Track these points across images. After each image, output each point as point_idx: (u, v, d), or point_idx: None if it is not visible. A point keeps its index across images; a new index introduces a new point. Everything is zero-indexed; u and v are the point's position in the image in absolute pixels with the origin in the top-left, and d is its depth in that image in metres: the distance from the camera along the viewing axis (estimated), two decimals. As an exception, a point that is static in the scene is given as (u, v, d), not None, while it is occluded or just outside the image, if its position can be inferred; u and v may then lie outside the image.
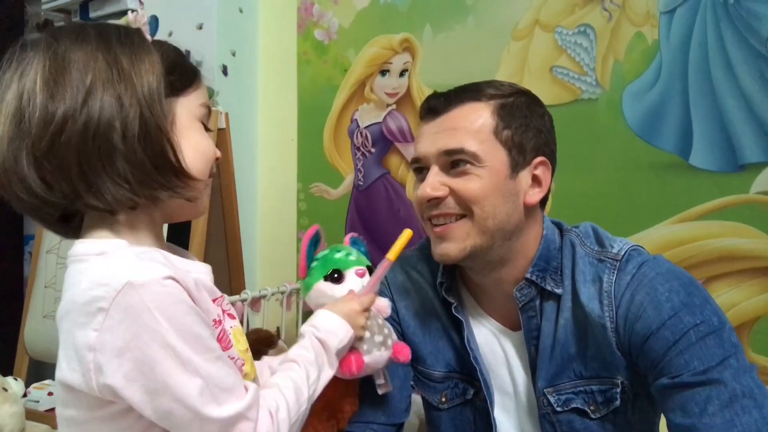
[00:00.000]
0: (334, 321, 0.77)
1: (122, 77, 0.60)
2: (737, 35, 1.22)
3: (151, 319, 0.56)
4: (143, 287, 0.56)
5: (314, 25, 1.81)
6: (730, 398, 0.71)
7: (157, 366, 0.56)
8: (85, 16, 2.08)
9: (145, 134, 0.60)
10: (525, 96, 0.86)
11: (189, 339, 0.58)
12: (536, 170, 0.84)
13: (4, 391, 1.40)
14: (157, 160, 0.61)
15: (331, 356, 0.75)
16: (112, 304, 0.55)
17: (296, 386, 0.69)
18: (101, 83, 0.59)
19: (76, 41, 0.61)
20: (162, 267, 0.59)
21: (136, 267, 0.58)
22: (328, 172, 1.79)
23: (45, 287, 1.85)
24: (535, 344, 0.85)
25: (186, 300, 0.59)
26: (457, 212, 0.82)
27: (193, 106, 0.67)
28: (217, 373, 0.59)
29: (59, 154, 0.58)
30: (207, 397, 0.58)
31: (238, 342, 0.68)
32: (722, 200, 1.24)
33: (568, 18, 1.41)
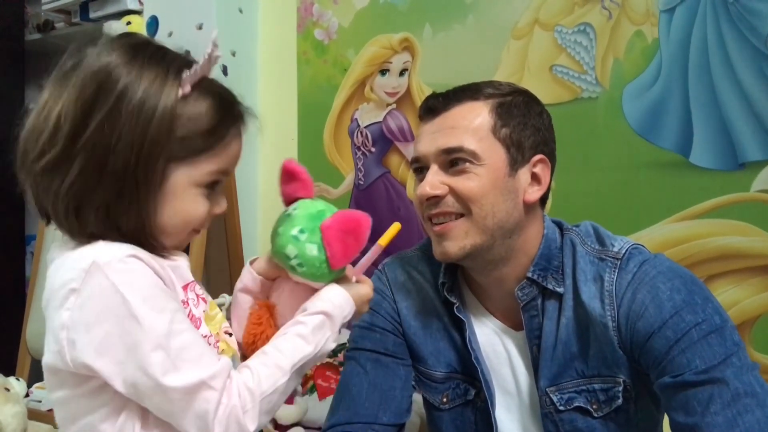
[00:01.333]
0: (344, 298, 0.71)
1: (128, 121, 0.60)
2: (737, 33, 1.22)
3: (116, 294, 0.58)
4: (107, 265, 0.58)
5: (314, 25, 1.81)
6: (733, 397, 0.71)
7: (123, 337, 0.58)
8: (85, 16, 2.08)
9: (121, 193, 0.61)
10: (523, 95, 0.86)
11: (153, 310, 0.59)
12: (535, 168, 0.84)
13: (7, 391, 1.41)
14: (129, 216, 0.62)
15: (336, 328, 0.70)
16: (82, 284, 0.58)
17: (275, 360, 0.65)
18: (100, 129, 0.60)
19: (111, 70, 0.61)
20: (126, 247, 0.61)
21: (102, 249, 0.60)
22: (328, 172, 1.79)
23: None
24: (537, 343, 0.85)
25: (149, 275, 0.61)
26: (457, 211, 0.82)
27: (197, 174, 0.64)
28: (181, 343, 0.60)
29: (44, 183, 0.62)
30: (168, 366, 0.58)
31: (210, 325, 0.68)
32: (723, 198, 1.24)
33: (567, 17, 1.41)
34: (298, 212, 0.72)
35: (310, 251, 0.69)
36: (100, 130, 0.60)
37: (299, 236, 0.70)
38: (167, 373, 0.58)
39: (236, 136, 0.67)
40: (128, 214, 0.62)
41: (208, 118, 0.64)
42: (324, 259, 0.69)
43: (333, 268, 0.70)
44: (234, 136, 0.67)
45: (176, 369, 0.58)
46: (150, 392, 0.59)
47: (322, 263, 0.69)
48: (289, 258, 0.70)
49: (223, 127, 0.65)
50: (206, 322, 0.67)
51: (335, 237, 0.69)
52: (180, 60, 0.64)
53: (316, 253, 0.69)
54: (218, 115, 0.64)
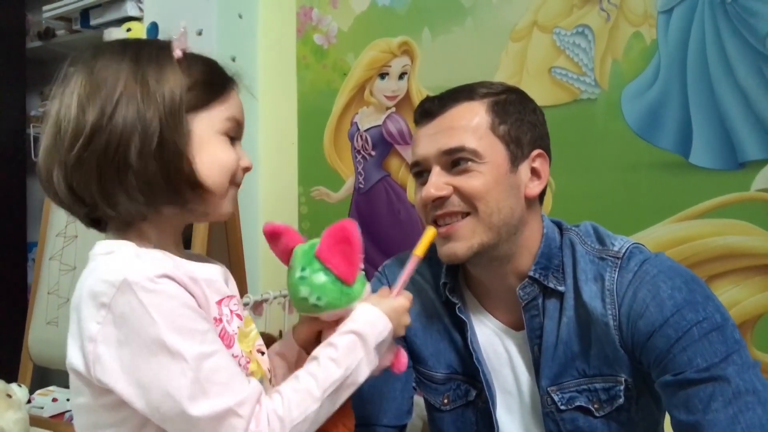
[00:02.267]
0: (375, 314, 0.70)
1: (145, 94, 0.64)
2: (735, 33, 1.22)
3: (145, 315, 0.58)
4: (137, 284, 0.59)
5: (313, 30, 1.82)
6: (734, 395, 0.71)
7: (149, 360, 0.58)
8: (85, 23, 2.09)
9: (160, 150, 0.63)
10: (515, 93, 0.88)
11: (182, 334, 0.59)
12: (534, 163, 0.85)
13: (9, 397, 1.41)
14: (170, 175, 0.64)
15: (369, 350, 0.68)
16: (112, 300, 0.59)
17: (305, 386, 0.64)
18: (126, 100, 0.63)
19: (112, 59, 0.65)
20: (158, 264, 0.62)
21: (133, 265, 0.61)
22: (328, 176, 1.79)
23: (48, 294, 1.85)
24: (538, 343, 0.85)
25: (181, 296, 0.61)
26: (462, 210, 0.82)
27: (215, 121, 0.68)
28: (211, 366, 0.60)
29: (84, 167, 0.63)
30: (195, 391, 0.58)
31: (243, 343, 0.68)
32: (723, 198, 1.24)
33: (566, 19, 1.41)
34: (295, 258, 0.72)
35: (318, 280, 0.69)
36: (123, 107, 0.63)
37: (304, 274, 0.70)
38: (195, 398, 0.58)
39: (234, 89, 0.72)
40: (168, 171, 0.64)
41: (205, 72, 0.69)
42: (334, 278, 0.69)
43: (348, 282, 0.69)
44: (231, 89, 0.72)
45: (204, 394, 0.59)
46: (174, 417, 0.59)
47: (336, 284, 0.69)
48: (308, 299, 0.70)
49: (220, 79, 0.70)
50: (240, 340, 0.68)
51: (330, 253, 0.69)
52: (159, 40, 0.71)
53: (324, 279, 0.69)
54: (212, 70, 0.70)
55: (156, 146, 0.63)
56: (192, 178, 0.65)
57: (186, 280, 0.62)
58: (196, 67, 0.68)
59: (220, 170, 0.68)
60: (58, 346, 2.12)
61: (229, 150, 0.69)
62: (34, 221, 2.24)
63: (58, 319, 1.80)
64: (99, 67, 0.65)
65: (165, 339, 0.58)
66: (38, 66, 2.38)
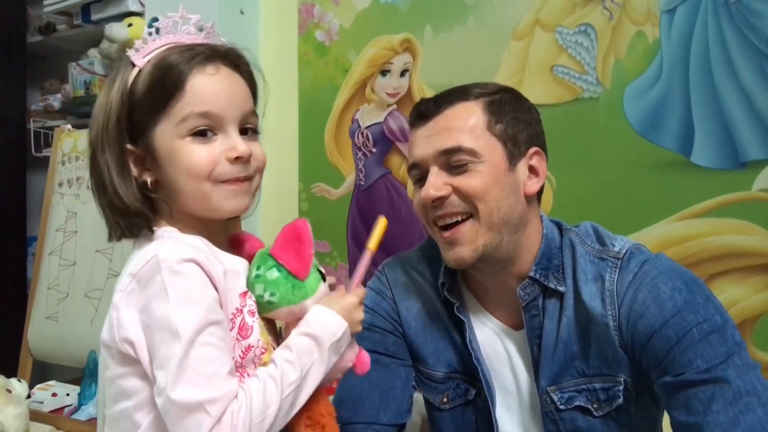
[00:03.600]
0: (327, 315, 0.70)
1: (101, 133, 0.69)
2: (738, 33, 1.22)
3: (162, 292, 0.62)
4: (165, 262, 0.63)
5: (315, 26, 1.81)
6: (734, 396, 0.71)
7: (156, 332, 0.62)
8: (86, 18, 2.08)
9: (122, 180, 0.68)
10: (509, 92, 0.88)
11: (188, 317, 0.62)
12: (532, 160, 0.85)
13: (8, 392, 1.41)
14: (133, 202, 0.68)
15: (323, 352, 0.68)
16: (139, 271, 0.64)
17: (265, 387, 0.64)
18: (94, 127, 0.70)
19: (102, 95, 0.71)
20: (192, 250, 0.64)
21: (169, 247, 0.65)
22: (329, 173, 1.79)
23: (48, 289, 1.85)
24: (537, 343, 0.85)
25: (202, 282, 0.64)
26: (462, 210, 0.82)
27: (169, 128, 0.67)
28: (200, 355, 0.61)
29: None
30: (179, 375, 0.60)
31: (264, 334, 0.70)
32: (724, 198, 1.24)
33: (568, 17, 1.41)
34: (254, 259, 0.74)
35: (271, 276, 0.70)
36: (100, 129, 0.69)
37: (258, 272, 0.71)
38: (177, 380, 0.60)
39: (195, 74, 0.67)
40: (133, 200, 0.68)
41: (159, 71, 0.67)
42: (287, 274, 0.70)
43: (300, 277, 0.70)
44: (191, 75, 0.67)
45: (185, 379, 0.60)
46: (160, 392, 0.61)
47: (288, 279, 0.70)
48: (263, 297, 0.71)
49: (175, 72, 0.67)
50: (262, 331, 0.70)
51: (282, 250, 0.71)
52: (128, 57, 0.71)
53: (277, 275, 0.70)
54: (167, 65, 0.67)
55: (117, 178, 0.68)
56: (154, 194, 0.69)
57: (213, 270, 0.65)
58: (147, 75, 0.67)
59: (188, 175, 0.67)
60: (58, 340, 2.13)
61: (194, 151, 0.67)
62: (33, 216, 2.24)
63: (57, 314, 1.80)
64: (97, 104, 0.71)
65: (171, 318, 0.61)
66: (39, 61, 2.38)
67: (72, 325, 1.75)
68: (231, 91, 0.69)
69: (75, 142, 1.93)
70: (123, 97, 0.67)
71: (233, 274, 0.68)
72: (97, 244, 1.75)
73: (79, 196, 1.82)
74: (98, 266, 1.75)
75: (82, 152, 1.89)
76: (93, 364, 1.55)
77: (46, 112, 2.30)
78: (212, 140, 0.67)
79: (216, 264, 0.66)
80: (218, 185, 0.68)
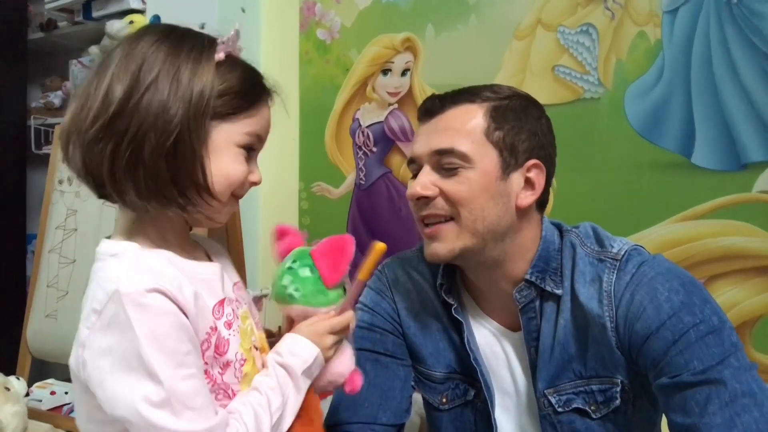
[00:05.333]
0: (298, 342, 0.72)
1: (174, 90, 0.64)
2: (740, 34, 1.22)
3: (129, 329, 0.59)
4: (127, 297, 0.59)
5: (316, 25, 1.81)
6: (731, 397, 0.70)
7: (125, 374, 0.59)
8: (88, 15, 2.08)
9: (174, 150, 0.63)
10: (522, 99, 0.85)
11: (162, 353, 0.60)
12: (529, 173, 0.83)
13: (7, 390, 1.41)
14: (179, 177, 0.64)
15: (297, 380, 0.71)
16: (103, 308, 0.60)
17: (256, 413, 0.66)
18: (154, 90, 0.63)
19: (152, 44, 0.66)
20: (153, 276, 0.62)
21: (129, 276, 0.62)
22: (329, 172, 1.79)
23: (47, 287, 1.85)
24: (535, 345, 0.85)
25: (169, 312, 0.61)
26: (446, 213, 0.82)
27: (236, 133, 0.68)
28: (184, 390, 0.60)
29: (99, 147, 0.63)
30: (166, 411, 0.59)
31: (244, 341, 0.70)
32: (724, 199, 1.24)
33: (570, 17, 1.41)
34: (291, 254, 0.76)
35: (303, 273, 0.73)
36: (150, 95, 0.63)
37: (292, 266, 0.73)
38: (165, 417, 0.59)
39: (266, 104, 0.72)
40: (178, 171, 0.64)
41: (242, 81, 0.69)
42: (317, 277, 0.72)
43: (328, 285, 0.72)
44: (264, 103, 0.71)
45: (175, 414, 0.59)
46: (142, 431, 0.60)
47: (316, 282, 0.72)
48: (286, 288, 0.73)
49: (255, 92, 0.70)
50: (242, 337, 0.70)
51: (322, 254, 0.73)
52: (207, 36, 0.70)
53: (308, 274, 0.72)
54: (249, 80, 0.70)
55: (171, 145, 0.63)
56: (200, 182, 0.66)
57: (179, 295, 0.62)
58: (234, 74, 0.68)
59: (225, 181, 0.68)
60: (57, 339, 2.13)
61: (240, 163, 0.69)
62: (33, 213, 2.24)
63: (57, 312, 1.80)
64: (138, 50, 0.65)
65: (144, 356, 0.59)
66: (40, 57, 2.38)
67: (71, 324, 1.73)
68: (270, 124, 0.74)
69: (75, 140, 1.92)
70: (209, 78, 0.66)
71: (205, 286, 0.67)
72: (97, 242, 1.75)
73: (79, 193, 1.82)
74: (98, 264, 1.74)
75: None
76: (92, 361, 1.55)
77: (47, 110, 2.31)
78: (248, 160, 0.71)
79: (184, 285, 0.63)
80: (231, 199, 0.71)
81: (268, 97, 0.72)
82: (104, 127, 0.62)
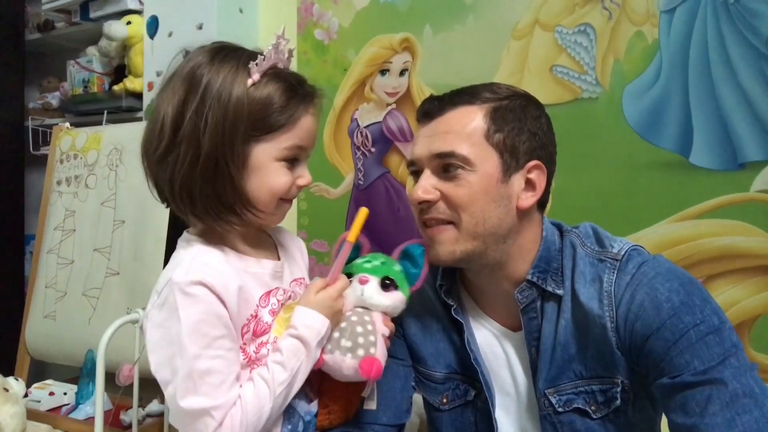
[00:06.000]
0: (310, 316, 0.78)
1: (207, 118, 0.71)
2: (737, 34, 1.22)
3: (173, 312, 0.71)
4: (177, 285, 0.71)
5: (314, 25, 1.81)
6: (731, 397, 0.70)
7: (166, 348, 0.71)
8: (85, 16, 2.08)
9: (215, 175, 0.72)
10: (521, 98, 0.85)
11: (195, 334, 0.70)
12: (530, 174, 0.83)
13: (5, 391, 1.41)
14: (222, 197, 0.73)
15: (311, 350, 0.76)
16: (161, 291, 0.73)
17: (258, 390, 0.73)
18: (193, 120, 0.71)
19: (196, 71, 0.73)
20: (203, 271, 0.72)
21: (183, 268, 0.73)
22: (328, 172, 1.79)
23: (46, 287, 1.85)
24: (535, 345, 0.85)
25: (209, 302, 0.71)
26: (447, 218, 0.82)
27: (273, 150, 0.74)
28: (206, 368, 0.70)
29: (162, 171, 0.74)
30: (189, 386, 0.70)
31: (280, 328, 0.78)
32: (722, 199, 1.24)
33: (568, 17, 1.41)
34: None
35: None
36: (192, 121, 0.71)
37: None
38: (186, 391, 0.70)
39: (306, 113, 0.76)
40: (224, 190, 0.73)
41: (277, 98, 0.73)
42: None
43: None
44: (303, 113, 0.76)
45: (194, 390, 0.69)
46: (170, 399, 0.72)
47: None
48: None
49: (292, 106, 0.74)
50: (280, 325, 0.78)
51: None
52: (249, 54, 0.75)
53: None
54: (286, 96, 0.74)
55: (211, 171, 0.71)
56: (242, 199, 0.74)
57: (222, 289, 0.72)
58: (270, 92, 0.73)
59: (268, 193, 0.75)
60: (56, 339, 2.13)
61: (283, 175, 0.76)
62: (32, 214, 2.24)
63: (55, 312, 1.80)
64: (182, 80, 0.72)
65: (181, 335, 0.70)
66: (37, 58, 2.37)
67: (70, 324, 1.75)
68: (316, 129, 0.80)
69: (73, 141, 1.92)
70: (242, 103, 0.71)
71: (253, 278, 0.76)
72: (95, 243, 1.75)
73: (77, 194, 1.82)
74: (96, 265, 1.74)
75: (80, 150, 1.88)
76: (90, 363, 1.55)
77: (45, 110, 2.30)
78: (294, 167, 0.77)
79: (230, 280, 0.73)
80: (281, 203, 0.78)
81: (308, 106, 0.76)
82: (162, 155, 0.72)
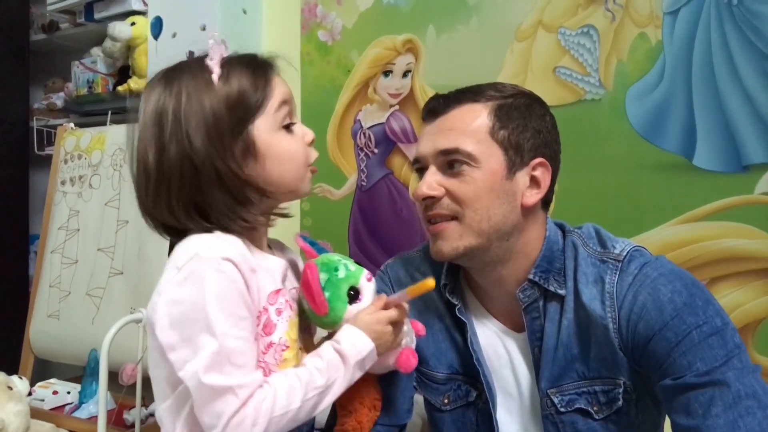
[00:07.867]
0: (356, 336, 0.75)
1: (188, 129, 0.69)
2: (741, 35, 1.22)
3: (201, 288, 0.67)
4: (205, 260, 0.68)
5: (317, 26, 1.81)
6: (734, 399, 0.70)
7: (190, 323, 0.67)
8: (89, 17, 2.09)
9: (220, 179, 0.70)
10: (525, 97, 0.86)
11: (223, 312, 0.67)
12: (535, 171, 0.84)
13: (9, 389, 1.41)
14: (238, 197, 0.71)
15: (349, 368, 0.74)
16: (183, 265, 0.68)
17: (291, 385, 0.70)
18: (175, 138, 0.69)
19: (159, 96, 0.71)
20: (230, 248, 0.69)
21: (208, 244, 0.70)
22: (331, 173, 1.79)
23: (50, 287, 1.86)
24: (538, 345, 0.85)
25: (236, 281, 0.68)
26: (451, 213, 0.82)
27: (269, 121, 0.72)
28: (233, 347, 0.67)
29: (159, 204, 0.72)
30: (214, 364, 0.66)
31: (291, 330, 0.75)
32: (726, 201, 1.24)
33: (571, 19, 1.41)
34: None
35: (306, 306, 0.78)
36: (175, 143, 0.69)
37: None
38: (211, 368, 0.65)
39: (274, 76, 0.75)
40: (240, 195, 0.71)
41: (246, 82, 0.72)
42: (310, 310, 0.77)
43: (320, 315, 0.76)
44: (272, 78, 0.75)
45: (219, 368, 0.66)
46: (189, 377, 0.66)
47: (312, 314, 0.77)
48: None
49: (261, 79, 0.73)
50: (290, 327, 0.75)
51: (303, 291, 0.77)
52: (196, 60, 0.74)
53: (307, 307, 0.77)
54: (252, 75, 0.73)
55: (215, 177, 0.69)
56: (263, 189, 0.72)
57: (247, 269, 0.69)
58: (236, 78, 0.71)
59: (292, 162, 0.74)
60: (59, 338, 2.14)
61: (291, 139, 0.74)
62: (36, 214, 2.25)
63: (59, 312, 1.81)
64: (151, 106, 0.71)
65: (208, 311, 0.66)
66: (42, 59, 2.38)
67: (73, 324, 1.76)
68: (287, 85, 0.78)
69: (78, 141, 1.93)
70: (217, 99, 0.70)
71: (266, 273, 0.73)
72: (99, 243, 1.75)
73: (81, 194, 1.83)
74: (100, 265, 1.75)
75: (84, 150, 1.89)
76: (94, 362, 1.56)
77: (49, 111, 2.31)
78: (293, 131, 0.75)
79: (250, 262, 0.70)
80: (307, 169, 0.76)
81: (272, 71, 0.75)
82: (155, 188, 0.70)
